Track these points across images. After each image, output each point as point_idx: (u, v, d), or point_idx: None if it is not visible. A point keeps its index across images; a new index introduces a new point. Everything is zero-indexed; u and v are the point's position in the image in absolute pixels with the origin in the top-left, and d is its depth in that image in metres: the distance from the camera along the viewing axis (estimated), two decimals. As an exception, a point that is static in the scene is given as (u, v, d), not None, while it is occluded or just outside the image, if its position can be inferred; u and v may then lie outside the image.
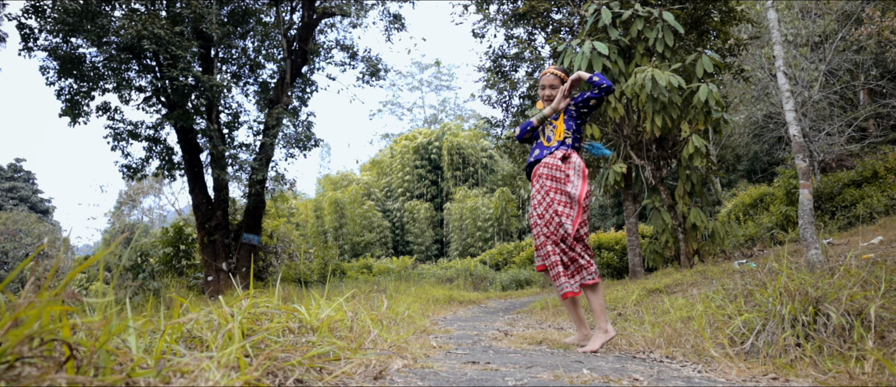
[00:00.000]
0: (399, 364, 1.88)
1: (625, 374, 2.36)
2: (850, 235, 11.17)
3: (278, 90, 15.72)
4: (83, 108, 14.32)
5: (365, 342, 2.00)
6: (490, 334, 4.49)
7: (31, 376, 0.95)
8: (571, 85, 4.19)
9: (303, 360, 1.47)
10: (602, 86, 4.14)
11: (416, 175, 35.28)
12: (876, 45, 17.27)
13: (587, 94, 4.21)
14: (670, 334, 3.60)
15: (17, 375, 0.95)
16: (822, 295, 3.26)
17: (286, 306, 1.84)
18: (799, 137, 6.63)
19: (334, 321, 1.98)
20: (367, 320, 2.13)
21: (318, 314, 1.91)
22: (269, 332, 1.59)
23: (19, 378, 0.94)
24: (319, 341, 1.68)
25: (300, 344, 1.61)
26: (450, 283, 17.09)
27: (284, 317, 1.74)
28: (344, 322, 2.06)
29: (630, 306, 6.66)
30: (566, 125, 4.26)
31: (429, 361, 2.17)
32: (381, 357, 1.87)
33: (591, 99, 4.20)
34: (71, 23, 12.78)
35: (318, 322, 1.85)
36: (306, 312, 1.85)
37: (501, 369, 2.10)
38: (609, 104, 9.46)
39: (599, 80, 4.16)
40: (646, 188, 10.85)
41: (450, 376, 1.85)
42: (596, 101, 4.22)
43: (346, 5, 15.69)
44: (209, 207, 15.12)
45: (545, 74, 4.40)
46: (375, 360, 1.80)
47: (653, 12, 9.44)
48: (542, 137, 4.31)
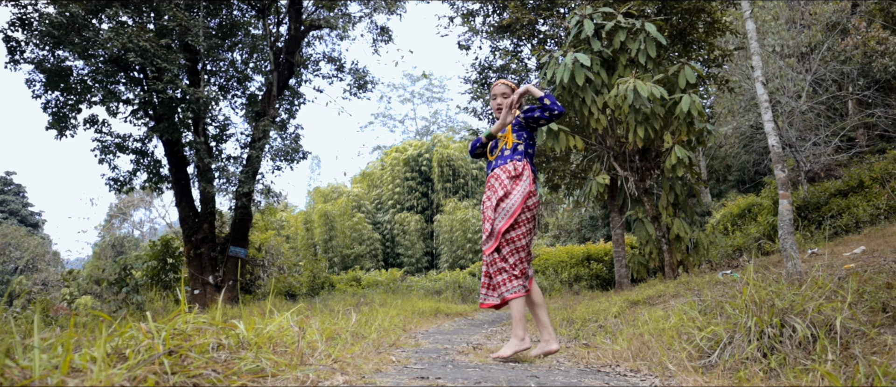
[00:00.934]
0: (339, 380, 1.86)
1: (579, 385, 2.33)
2: (834, 245, 11.19)
3: (265, 103, 15.69)
4: (70, 121, 14.26)
5: (309, 358, 1.97)
6: (458, 348, 4.45)
7: None
8: (519, 97, 4.28)
9: (225, 375, 1.44)
10: (553, 111, 4.24)
11: (407, 187, 35.25)
12: (862, 55, 17.37)
13: (537, 113, 4.28)
14: (639, 347, 3.58)
15: None
16: (788, 307, 3.24)
17: (219, 321, 1.81)
18: (777, 147, 6.64)
19: (276, 337, 1.95)
20: (315, 336, 2.10)
21: (260, 330, 1.88)
22: (197, 349, 1.56)
23: None
24: (255, 358, 1.65)
25: (230, 360, 1.58)
26: (438, 295, 17.04)
27: (216, 333, 1.71)
28: (290, 338, 2.03)
29: (610, 318, 6.64)
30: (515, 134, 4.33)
31: (375, 377, 2.14)
32: (321, 373, 1.85)
33: (541, 119, 4.29)
34: (57, 35, 12.74)
35: (259, 338, 1.82)
36: (245, 327, 1.82)
37: (447, 384, 2.07)
38: (592, 115, 9.47)
39: (551, 103, 4.24)
40: (629, 200, 10.86)
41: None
42: (544, 121, 4.31)
43: (334, 18, 15.70)
44: (196, 220, 15.06)
45: (496, 85, 4.51)
46: (313, 375, 1.77)
47: (635, 24, 9.47)
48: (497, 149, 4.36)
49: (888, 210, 12.26)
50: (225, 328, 1.79)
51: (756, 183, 22.86)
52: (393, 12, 16.65)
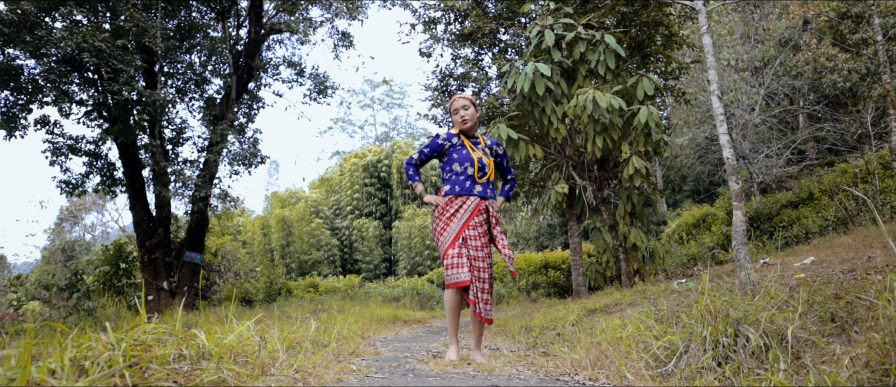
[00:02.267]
0: (301, 391, 1.84)
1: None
2: (785, 255, 11.45)
3: (224, 106, 15.49)
4: (20, 121, 13.88)
5: (270, 368, 1.95)
6: (418, 356, 4.45)
7: None
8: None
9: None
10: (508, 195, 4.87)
11: (366, 193, 35.13)
12: (812, 71, 17.85)
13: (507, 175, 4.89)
14: (597, 355, 3.62)
15: None
16: (742, 316, 3.32)
17: (180, 331, 1.78)
18: (732, 159, 6.79)
19: (237, 347, 1.93)
20: (276, 345, 2.08)
21: (220, 340, 1.86)
22: (158, 360, 1.54)
23: None
24: (215, 368, 1.63)
25: (192, 372, 1.56)
26: (396, 302, 17.00)
27: (177, 343, 1.69)
28: (250, 348, 2.01)
29: (568, 326, 6.70)
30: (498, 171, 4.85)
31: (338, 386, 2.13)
32: (283, 383, 1.83)
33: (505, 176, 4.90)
34: (7, 33, 12.40)
35: (220, 348, 1.80)
36: (206, 337, 1.80)
37: (410, 394, 2.07)
38: (551, 125, 9.56)
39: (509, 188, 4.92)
40: (587, 209, 10.98)
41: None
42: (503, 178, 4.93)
43: (294, 22, 15.58)
44: (151, 225, 14.78)
45: (456, 99, 4.65)
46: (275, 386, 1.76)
47: (595, 35, 9.60)
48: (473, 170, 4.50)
49: (836, 222, 12.61)
50: (185, 339, 1.77)
51: (710, 193, 23.30)
52: (354, 18, 16.60)
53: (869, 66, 16.45)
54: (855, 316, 3.60)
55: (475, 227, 4.35)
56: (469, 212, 4.36)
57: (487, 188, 4.50)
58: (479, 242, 4.32)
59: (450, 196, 4.45)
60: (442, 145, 4.57)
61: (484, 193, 4.46)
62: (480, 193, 4.44)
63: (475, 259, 4.28)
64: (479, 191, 4.44)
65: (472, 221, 4.35)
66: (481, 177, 4.46)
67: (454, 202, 4.41)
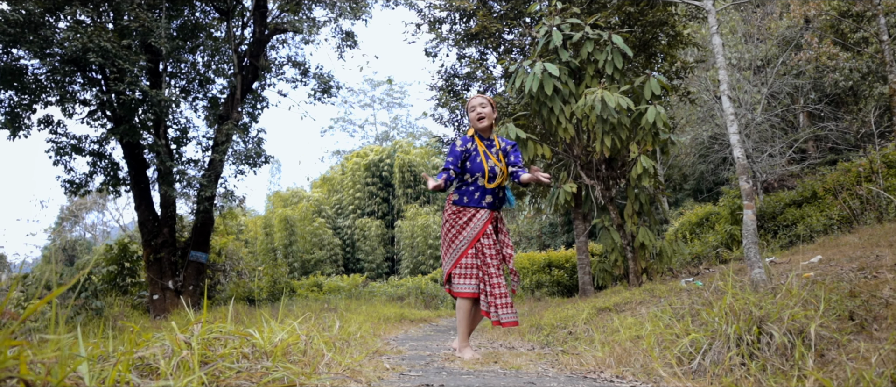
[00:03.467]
0: (353, 388, 1.88)
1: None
2: (791, 253, 11.49)
3: (228, 106, 15.51)
4: (24, 121, 13.89)
5: (319, 366, 1.98)
6: (442, 355, 4.49)
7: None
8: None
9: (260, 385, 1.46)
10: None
11: (368, 192, 35.15)
12: (814, 70, 17.90)
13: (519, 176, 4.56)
14: (620, 353, 3.66)
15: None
16: (765, 315, 3.35)
17: (239, 330, 1.82)
18: (743, 158, 6.82)
19: (288, 345, 1.96)
20: (320, 344, 2.12)
21: (271, 338, 1.90)
22: (224, 359, 1.57)
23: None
24: (274, 367, 1.67)
25: (255, 370, 1.60)
26: (401, 301, 17.04)
27: (238, 342, 1.72)
28: (297, 346, 2.05)
29: (580, 324, 6.74)
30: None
31: (383, 384, 2.16)
32: (336, 382, 1.87)
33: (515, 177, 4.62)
34: (12, 33, 12.42)
35: (272, 346, 1.83)
36: (260, 336, 1.83)
37: (455, 391, 2.11)
38: (559, 125, 9.60)
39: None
40: (595, 208, 11.02)
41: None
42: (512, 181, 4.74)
43: (299, 22, 15.61)
44: (156, 224, 14.80)
45: (475, 97, 4.63)
46: (329, 384, 1.79)
47: (603, 35, 9.63)
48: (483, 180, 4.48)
49: (840, 220, 12.64)
50: (242, 337, 1.80)
51: (713, 192, 23.34)
52: (358, 18, 16.62)
53: (870, 64, 16.51)
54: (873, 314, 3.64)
55: (488, 235, 4.38)
56: (481, 223, 4.38)
57: (497, 196, 4.51)
58: (493, 251, 4.35)
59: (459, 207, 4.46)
60: (461, 154, 4.51)
61: (493, 204, 4.47)
62: (490, 204, 4.45)
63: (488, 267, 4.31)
64: (488, 202, 4.44)
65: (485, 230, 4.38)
66: (492, 183, 4.46)
67: (465, 212, 4.42)
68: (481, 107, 4.54)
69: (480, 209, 4.40)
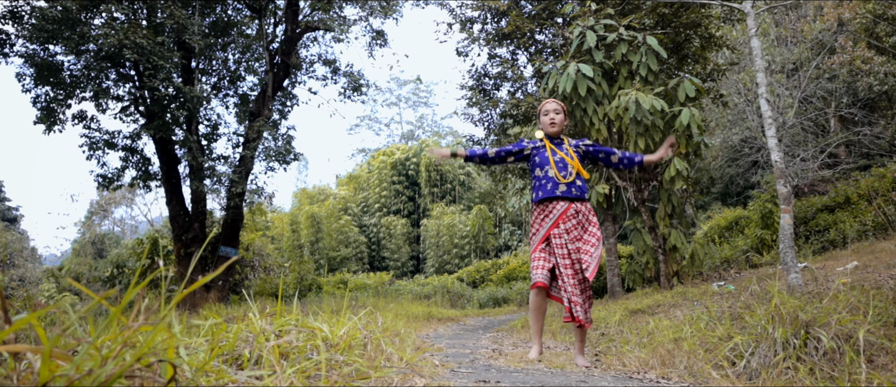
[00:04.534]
0: (419, 382, 1.90)
1: (631, 395, 2.39)
2: (824, 259, 11.36)
3: (260, 103, 15.65)
4: (59, 115, 14.15)
5: (380, 360, 2.01)
6: (483, 353, 4.51)
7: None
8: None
9: (339, 379, 1.49)
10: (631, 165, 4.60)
11: (394, 191, 35.26)
12: (848, 73, 17.66)
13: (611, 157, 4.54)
14: (663, 354, 3.65)
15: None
16: (812, 319, 3.33)
17: (307, 323, 1.85)
18: (780, 162, 6.77)
19: (351, 339, 1.99)
20: (380, 339, 2.15)
21: (337, 332, 1.93)
22: (299, 351, 1.60)
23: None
24: (348, 360, 1.70)
25: (335, 362, 1.63)
26: (427, 300, 17.08)
27: (306, 335, 1.76)
28: (358, 340, 2.07)
29: (613, 326, 6.72)
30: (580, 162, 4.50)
31: (443, 380, 2.19)
32: (401, 376, 1.89)
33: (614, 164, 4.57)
34: (50, 30, 12.64)
35: (339, 339, 1.86)
36: (327, 329, 1.86)
37: None
38: (592, 125, 9.57)
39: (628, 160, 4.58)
40: (627, 209, 10.97)
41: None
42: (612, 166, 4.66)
43: (330, 20, 15.70)
44: (186, 219, 14.98)
45: (549, 102, 4.59)
46: (397, 378, 1.82)
47: (637, 36, 9.59)
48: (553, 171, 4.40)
49: (875, 227, 12.48)
50: (310, 331, 1.84)
51: (742, 196, 23.10)
52: (389, 16, 16.70)
53: (906, 68, 16.25)
54: (920, 321, 3.60)
55: (562, 234, 4.25)
56: (555, 216, 4.28)
57: (573, 187, 4.36)
58: (567, 249, 4.21)
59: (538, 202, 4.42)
60: (524, 147, 4.54)
61: (569, 193, 4.32)
62: (565, 193, 4.32)
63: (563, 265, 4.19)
64: (563, 191, 4.32)
65: (558, 225, 4.27)
66: (565, 176, 4.34)
67: (544, 207, 4.36)
68: (555, 112, 4.53)
69: (556, 201, 4.32)
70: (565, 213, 4.29)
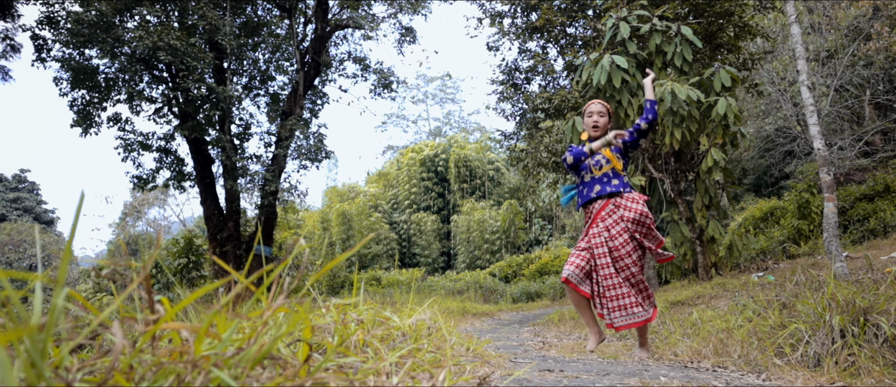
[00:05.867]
0: (486, 371, 1.91)
1: (699, 381, 2.38)
2: (865, 249, 11.18)
3: (291, 102, 15.76)
4: (95, 118, 14.37)
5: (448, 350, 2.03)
6: (532, 345, 4.51)
7: (289, 371, 1.01)
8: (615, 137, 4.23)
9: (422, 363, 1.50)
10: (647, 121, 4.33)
11: (423, 188, 35.32)
12: (885, 59, 17.34)
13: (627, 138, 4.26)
14: (715, 344, 3.62)
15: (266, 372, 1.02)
16: (869, 306, 3.28)
17: (380, 313, 1.87)
18: (824, 150, 6.67)
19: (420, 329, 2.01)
20: (444, 328, 2.16)
21: (406, 322, 1.94)
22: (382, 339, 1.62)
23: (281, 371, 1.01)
24: (429, 348, 1.71)
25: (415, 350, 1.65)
26: (460, 295, 17.10)
27: (381, 325, 1.77)
28: (423, 329, 2.09)
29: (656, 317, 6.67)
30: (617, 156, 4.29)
31: (509, 368, 2.19)
32: (471, 364, 1.90)
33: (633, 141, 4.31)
34: (85, 34, 12.84)
35: (411, 328, 1.87)
36: (398, 319, 1.88)
37: (582, 376, 2.12)
38: (628, 117, 9.50)
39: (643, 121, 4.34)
40: (664, 201, 10.88)
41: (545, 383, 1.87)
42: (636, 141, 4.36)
43: (360, 18, 15.76)
44: (221, 219, 15.13)
45: (594, 103, 4.43)
46: (469, 367, 1.83)
47: (671, 27, 9.50)
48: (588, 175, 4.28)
49: (918, 215, 12.26)
50: (381, 320, 1.85)
51: (776, 187, 22.79)
52: (417, 12, 16.72)
53: (946, 53, 15.90)
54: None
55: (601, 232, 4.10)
56: (593, 214, 4.17)
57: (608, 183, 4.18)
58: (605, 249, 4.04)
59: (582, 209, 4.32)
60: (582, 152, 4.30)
61: (604, 190, 4.16)
62: (600, 191, 4.16)
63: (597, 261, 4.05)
64: (598, 191, 4.17)
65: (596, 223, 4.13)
66: (599, 169, 4.20)
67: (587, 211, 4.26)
68: (599, 115, 4.36)
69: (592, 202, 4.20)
70: (601, 213, 4.15)
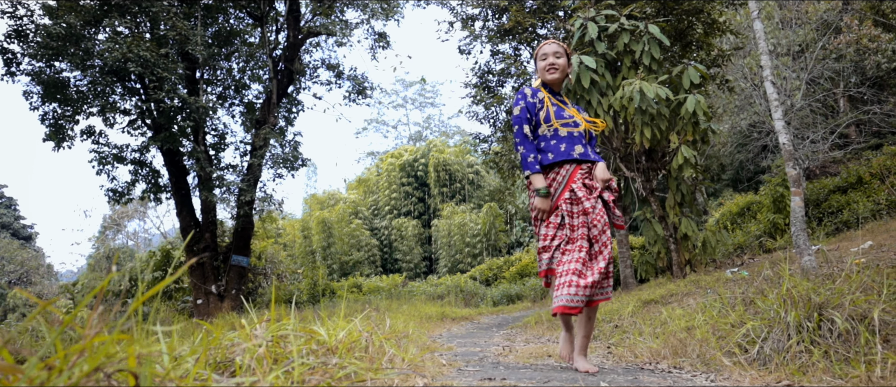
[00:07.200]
0: (420, 382, 1.87)
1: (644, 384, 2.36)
2: (838, 240, 11.26)
3: (265, 111, 15.68)
4: (67, 132, 14.20)
5: (382, 362, 1.98)
6: (494, 350, 4.47)
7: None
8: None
9: (332, 382, 1.46)
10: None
11: (403, 193, 35.26)
12: (855, 52, 17.51)
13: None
14: (675, 344, 3.60)
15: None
16: (825, 301, 3.27)
17: (305, 327, 1.83)
18: (788, 145, 6.70)
19: (351, 342, 1.97)
20: (381, 340, 2.12)
21: (335, 335, 1.90)
22: (292, 355, 1.57)
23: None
24: (344, 363, 1.67)
25: (329, 366, 1.60)
26: (441, 300, 17.05)
27: (303, 339, 1.73)
28: (359, 343, 2.05)
29: (626, 317, 6.67)
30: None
31: (447, 379, 2.16)
32: (402, 377, 1.86)
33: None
34: (55, 47, 12.70)
35: (337, 343, 1.83)
36: (325, 333, 1.84)
37: (519, 385, 2.09)
38: (598, 117, 9.51)
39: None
40: (636, 200, 10.90)
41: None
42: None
43: (332, 25, 15.71)
44: (197, 230, 15.01)
45: (548, 43, 3.65)
46: (397, 379, 1.79)
47: (639, 25, 9.52)
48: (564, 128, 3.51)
49: (889, 205, 12.35)
50: (307, 335, 1.81)
51: (753, 182, 22.96)
52: (390, 18, 16.69)
53: (914, 45, 16.07)
54: (935, 298, 3.53)
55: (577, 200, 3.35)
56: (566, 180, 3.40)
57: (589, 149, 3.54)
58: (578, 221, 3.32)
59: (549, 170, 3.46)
60: (533, 103, 3.53)
61: (586, 155, 3.47)
62: (582, 154, 3.45)
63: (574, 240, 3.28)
64: (581, 153, 3.44)
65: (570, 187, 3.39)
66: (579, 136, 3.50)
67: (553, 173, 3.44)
68: (555, 56, 3.56)
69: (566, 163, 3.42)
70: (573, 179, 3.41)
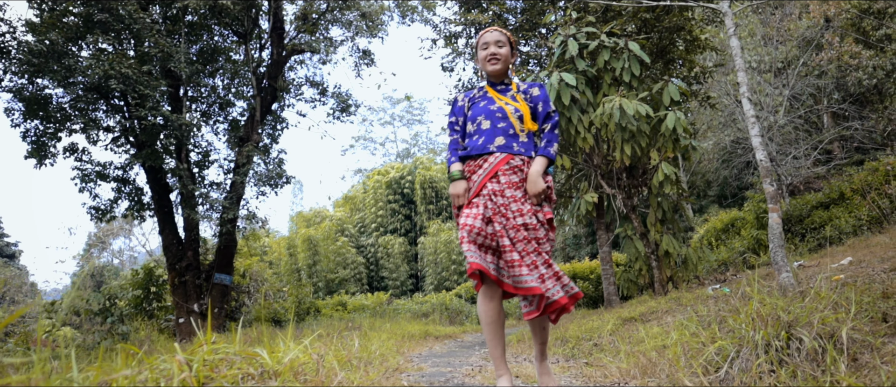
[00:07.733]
0: (366, 407, 1.83)
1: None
2: (820, 256, 11.28)
3: (249, 128, 15.62)
4: (50, 149, 14.08)
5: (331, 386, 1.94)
6: (463, 371, 4.43)
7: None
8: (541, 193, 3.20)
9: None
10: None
11: (390, 210, 35.18)
12: (836, 69, 17.66)
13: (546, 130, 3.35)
14: (645, 364, 3.57)
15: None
16: (794, 319, 3.25)
17: (246, 350, 1.78)
18: (766, 161, 6.71)
19: (300, 364, 1.92)
20: (333, 362, 2.07)
21: (281, 358, 1.85)
22: (227, 379, 1.53)
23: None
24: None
25: (261, 391, 1.56)
26: (425, 318, 16.96)
27: (244, 363, 1.68)
28: (309, 365, 2.00)
29: (605, 335, 6.64)
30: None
31: (398, 402, 2.12)
32: (347, 401, 1.82)
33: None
34: (36, 64, 12.61)
35: (281, 366, 1.79)
36: (268, 356, 1.79)
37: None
38: (578, 134, 9.52)
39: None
40: (618, 217, 10.90)
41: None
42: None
43: (316, 42, 15.71)
44: (180, 248, 14.89)
45: (488, 32, 3.42)
46: (341, 404, 1.75)
47: (619, 43, 9.57)
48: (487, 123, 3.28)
49: (870, 221, 12.40)
50: (248, 357, 1.76)
51: (737, 198, 23.06)
52: (374, 36, 16.71)
53: (894, 61, 16.23)
54: (907, 315, 3.53)
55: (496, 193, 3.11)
56: (486, 172, 3.16)
57: (515, 140, 3.23)
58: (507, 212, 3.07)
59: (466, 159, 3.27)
60: (461, 109, 3.37)
61: (510, 147, 3.19)
62: (505, 146, 3.19)
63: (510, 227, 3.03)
64: (501, 144, 3.18)
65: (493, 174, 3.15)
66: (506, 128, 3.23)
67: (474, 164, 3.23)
68: (497, 45, 3.32)
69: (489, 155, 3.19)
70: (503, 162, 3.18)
